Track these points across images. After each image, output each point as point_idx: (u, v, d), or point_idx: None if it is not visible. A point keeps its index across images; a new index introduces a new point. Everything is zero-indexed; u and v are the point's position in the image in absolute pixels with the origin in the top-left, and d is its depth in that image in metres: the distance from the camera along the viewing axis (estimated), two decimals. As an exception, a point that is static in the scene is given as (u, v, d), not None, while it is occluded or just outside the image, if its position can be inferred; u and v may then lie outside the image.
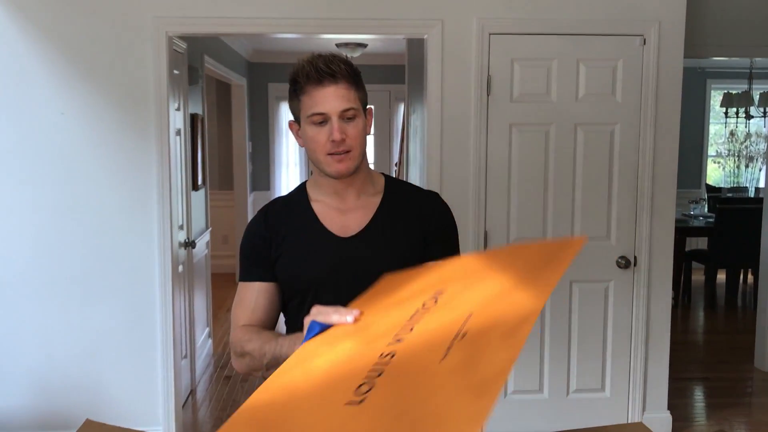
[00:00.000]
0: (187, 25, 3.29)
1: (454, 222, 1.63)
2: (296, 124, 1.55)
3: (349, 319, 1.15)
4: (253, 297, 1.56)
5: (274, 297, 1.58)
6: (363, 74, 1.53)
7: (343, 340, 1.11)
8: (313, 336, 1.17)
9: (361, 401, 0.85)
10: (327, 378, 0.98)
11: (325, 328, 1.18)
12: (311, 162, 1.55)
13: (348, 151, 1.47)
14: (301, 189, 1.64)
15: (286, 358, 1.16)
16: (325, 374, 0.99)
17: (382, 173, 1.66)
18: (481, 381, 0.82)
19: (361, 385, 0.89)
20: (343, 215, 1.56)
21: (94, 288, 3.33)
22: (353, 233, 1.53)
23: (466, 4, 3.30)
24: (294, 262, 1.54)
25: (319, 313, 1.19)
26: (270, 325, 1.58)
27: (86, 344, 3.35)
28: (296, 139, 1.56)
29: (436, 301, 1.09)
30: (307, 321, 1.21)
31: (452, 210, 1.64)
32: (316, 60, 1.44)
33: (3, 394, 3.34)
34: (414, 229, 1.55)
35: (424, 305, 1.09)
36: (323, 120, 1.45)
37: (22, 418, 3.34)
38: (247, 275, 1.59)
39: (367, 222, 1.54)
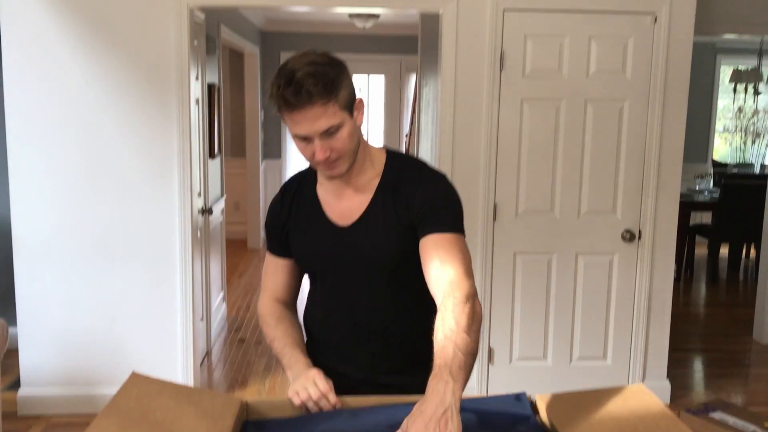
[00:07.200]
0: (207, -3, 3.36)
1: (445, 198, 1.55)
2: None
3: None
4: (275, 269, 1.75)
5: (294, 270, 1.74)
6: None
7: None
8: None
9: None
10: None
11: None
12: None
13: (337, 159, 1.48)
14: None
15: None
16: None
17: (386, 148, 1.65)
18: None
19: None
20: (342, 201, 1.60)
21: (117, 253, 3.44)
22: (351, 222, 1.58)
23: (481, -20, 3.35)
24: (300, 248, 1.67)
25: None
26: (293, 292, 1.77)
27: (109, 306, 3.48)
28: None
29: None
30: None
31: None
32: (284, 92, 1.39)
33: (30, 352, 3.48)
34: (403, 215, 1.54)
35: None
36: (306, 139, 1.46)
37: (47, 374, 3.49)
38: (270, 249, 1.75)
39: (364, 209, 1.57)
